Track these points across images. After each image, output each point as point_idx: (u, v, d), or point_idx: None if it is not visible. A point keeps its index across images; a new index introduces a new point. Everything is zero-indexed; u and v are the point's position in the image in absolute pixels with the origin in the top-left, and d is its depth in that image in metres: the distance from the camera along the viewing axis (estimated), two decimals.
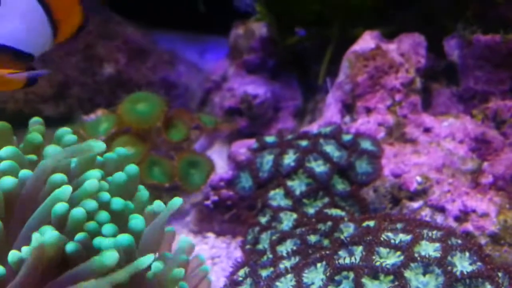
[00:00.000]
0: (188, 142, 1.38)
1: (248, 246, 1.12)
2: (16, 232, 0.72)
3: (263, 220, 1.14)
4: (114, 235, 0.71)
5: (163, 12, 2.04)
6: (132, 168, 0.84)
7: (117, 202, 0.77)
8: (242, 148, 1.30)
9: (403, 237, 0.97)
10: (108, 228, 0.72)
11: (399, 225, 1.02)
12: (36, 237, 0.65)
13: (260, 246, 1.10)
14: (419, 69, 1.35)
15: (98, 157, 0.89)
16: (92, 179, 0.73)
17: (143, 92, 1.33)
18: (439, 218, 1.11)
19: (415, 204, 1.15)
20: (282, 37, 1.60)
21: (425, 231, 0.99)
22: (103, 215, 0.72)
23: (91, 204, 0.71)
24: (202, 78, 1.83)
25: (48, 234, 0.66)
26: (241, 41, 1.59)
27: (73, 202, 0.71)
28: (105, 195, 0.75)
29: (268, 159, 1.21)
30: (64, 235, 0.69)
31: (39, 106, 1.57)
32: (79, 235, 0.69)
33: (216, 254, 1.21)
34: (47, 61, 1.56)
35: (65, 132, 0.88)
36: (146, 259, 0.68)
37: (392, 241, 0.95)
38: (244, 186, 1.22)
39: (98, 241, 0.70)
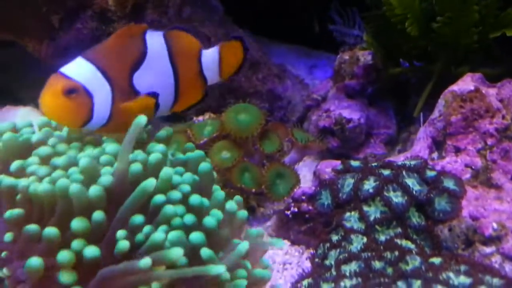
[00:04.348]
0: (280, 153, 1.48)
1: (316, 260, 1.20)
2: (113, 217, 0.86)
3: (335, 238, 1.21)
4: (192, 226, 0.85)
5: (280, 25, 2.17)
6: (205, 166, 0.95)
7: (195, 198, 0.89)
8: (328, 167, 1.38)
9: (463, 279, 1.01)
10: (188, 218, 0.86)
11: (463, 267, 1.05)
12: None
13: (327, 262, 1.17)
14: None
15: (182, 156, 1.02)
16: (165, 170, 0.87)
17: (247, 104, 1.45)
18: (507, 267, 1.12)
19: (487, 249, 1.16)
20: (386, 67, 1.65)
21: (487, 277, 1.02)
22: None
23: (176, 194, 0.85)
24: (306, 94, 1.93)
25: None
26: (345, 66, 1.66)
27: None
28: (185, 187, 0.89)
29: (349, 182, 1.27)
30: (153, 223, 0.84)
31: None
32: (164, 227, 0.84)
33: (288, 260, 1.31)
34: None
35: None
36: (216, 268, 0.79)
37: (451, 281, 0.99)
38: (324, 203, 1.28)
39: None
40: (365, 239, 1.18)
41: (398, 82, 1.68)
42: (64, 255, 0.79)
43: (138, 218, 0.83)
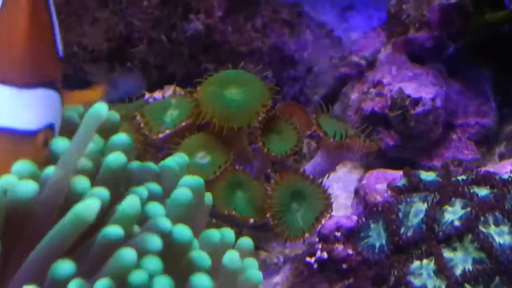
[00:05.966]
0: (296, 157, 1.45)
1: None
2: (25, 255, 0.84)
3: None
4: None
5: None
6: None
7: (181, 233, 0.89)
8: (380, 182, 1.37)
9: None
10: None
11: None
12: None
13: None
14: None
15: (153, 166, 1.00)
16: (133, 195, 0.85)
17: (239, 71, 1.42)
18: None
19: None
20: (479, 9, 1.62)
21: None
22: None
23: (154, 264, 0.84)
24: (339, 56, 1.90)
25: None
26: (409, 7, 1.65)
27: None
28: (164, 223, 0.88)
29: (418, 208, 1.27)
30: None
31: (85, 66, 1.73)
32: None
33: None
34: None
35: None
36: None
37: None
38: (373, 245, 1.29)
39: None
40: None
41: (500, 35, 1.66)
42: None
43: (64, 266, 0.81)
